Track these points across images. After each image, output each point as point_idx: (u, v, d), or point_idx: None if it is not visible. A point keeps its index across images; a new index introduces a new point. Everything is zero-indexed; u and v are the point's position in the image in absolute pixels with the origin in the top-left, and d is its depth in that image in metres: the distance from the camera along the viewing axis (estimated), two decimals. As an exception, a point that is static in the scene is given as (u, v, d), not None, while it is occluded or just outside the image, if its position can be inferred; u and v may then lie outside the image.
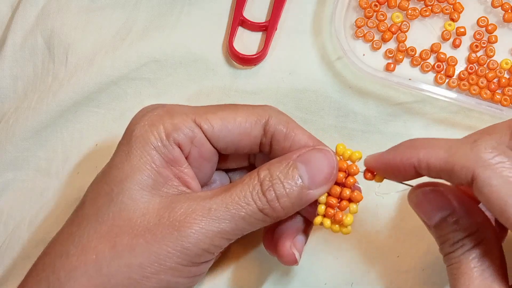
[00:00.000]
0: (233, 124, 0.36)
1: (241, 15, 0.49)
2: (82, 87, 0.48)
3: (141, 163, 0.34)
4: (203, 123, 0.35)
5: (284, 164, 0.35)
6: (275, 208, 0.34)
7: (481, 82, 0.48)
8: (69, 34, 0.49)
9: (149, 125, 0.35)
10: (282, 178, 0.34)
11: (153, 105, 0.37)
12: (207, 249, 0.33)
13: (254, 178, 0.34)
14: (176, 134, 0.35)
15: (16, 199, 0.47)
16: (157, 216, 0.33)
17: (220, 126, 0.36)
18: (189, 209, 0.33)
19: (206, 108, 0.37)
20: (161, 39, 0.49)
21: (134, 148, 0.34)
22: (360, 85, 0.48)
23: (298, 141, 0.37)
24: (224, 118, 0.36)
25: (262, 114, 0.36)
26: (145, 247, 0.32)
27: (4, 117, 0.49)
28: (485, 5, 0.50)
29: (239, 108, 0.37)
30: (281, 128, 0.36)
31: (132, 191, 0.33)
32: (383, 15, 0.49)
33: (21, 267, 0.46)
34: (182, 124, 0.35)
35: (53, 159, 0.48)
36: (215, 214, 0.33)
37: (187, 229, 0.32)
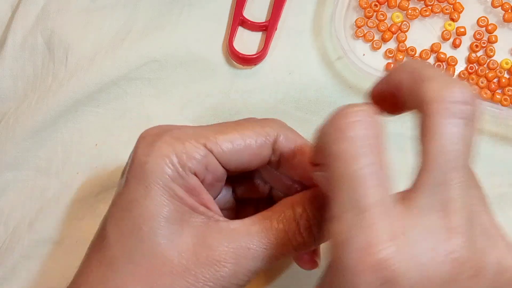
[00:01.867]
0: (243, 146, 0.35)
1: (241, 15, 0.49)
2: (82, 87, 0.48)
3: (164, 198, 0.32)
4: (214, 148, 0.34)
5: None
6: (310, 246, 0.35)
7: (481, 82, 0.48)
8: (69, 34, 0.49)
9: (161, 157, 0.33)
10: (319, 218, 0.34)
11: (157, 128, 0.36)
12: (242, 284, 0.33)
13: (289, 217, 0.34)
14: (190, 164, 0.33)
15: (16, 199, 0.47)
16: (193, 254, 0.32)
17: (230, 150, 0.35)
18: (227, 248, 0.32)
19: (214, 130, 0.35)
20: (161, 39, 0.49)
21: (152, 182, 0.33)
22: (360, 85, 0.48)
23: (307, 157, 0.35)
24: (234, 141, 0.35)
25: (271, 133, 0.35)
26: (185, 287, 0.32)
27: (4, 117, 0.49)
28: (485, 5, 0.50)
29: (246, 127, 0.35)
30: (289, 146, 0.36)
31: (162, 228, 0.32)
32: (383, 15, 0.49)
33: (21, 267, 0.46)
34: (194, 151, 0.34)
35: (53, 159, 0.48)
36: (255, 254, 0.33)
37: (228, 269, 0.32)
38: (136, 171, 0.33)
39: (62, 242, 0.46)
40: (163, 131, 0.35)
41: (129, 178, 0.34)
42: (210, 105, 0.48)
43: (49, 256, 0.46)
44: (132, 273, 0.32)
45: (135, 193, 0.33)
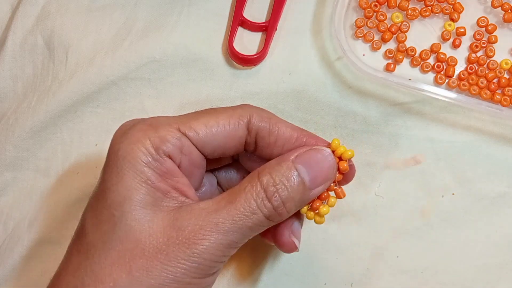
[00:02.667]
0: (216, 128, 0.36)
1: (241, 15, 0.49)
2: (82, 87, 0.48)
3: (136, 183, 0.33)
4: (188, 131, 0.35)
5: (284, 167, 0.35)
6: (281, 213, 0.35)
7: (481, 82, 0.48)
8: (69, 34, 0.49)
9: (134, 142, 0.34)
10: (285, 182, 0.34)
11: (132, 121, 0.36)
12: (219, 260, 0.34)
13: (256, 185, 0.34)
14: (164, 146, 0.34)
15: (16, 199, 0.47)
16: (164, 235, 0.33)
17: (204, 132, 0.35)
18: (196, 225, 0.33)
19: (187, 116, 0.36)
20: (161, 39, 0.49)
21: (125, 168, 0.34)
22: (360, 85, 0.48)
23: (282, 134, 0.37)
24: (207, 124, 0.36)
25: (243, 114, 0.36)
26: (161, 268, 0.32)
27: (4, 117, 0.49)
28: (485, 5, 0.50)
29: (219, 112, 0.36)
30: (264, 124, 0.37)
31: (134, 212, 0.33)
32: (383, 15, 0.49)
33: (21, 267, 0.46)
34: (168, 135, 0.34)
35: (53, 159, 0.48)
36: (223, 228, 0.33)
37: (198, 246, 0.33)
38: (109, 159, 0.35)
39: (62, 242, 0.46)
40: (139, 120, 0.36)
41: (104, 168, 0.35)
42: (210, 105, 0.48)
43: (49, 256, 0.46)
44: (107, 258, 0.32)
45: (109, 181, 0.34)
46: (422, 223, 0.46)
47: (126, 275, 0.32)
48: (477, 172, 0.47)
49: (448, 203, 0.47)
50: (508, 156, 0.47)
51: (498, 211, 0.46)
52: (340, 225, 0.46)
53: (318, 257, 0.45)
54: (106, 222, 0.33)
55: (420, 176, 0.47)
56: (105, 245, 0.33)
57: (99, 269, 0.32)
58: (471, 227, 0.46)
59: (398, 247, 0.46)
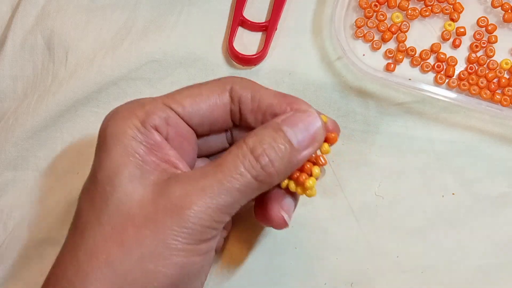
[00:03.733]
0: (200, 98, 0.36)
1: (241, 15, 0.49)
2: (82, 87, 0.48)
3: (124, 157, 0.34)
4: (172, 104, 0.36)
5: (270, 129, 0.34)
6: (270, 173, 0.34)
7: (481, 82, 0.48)
8: (69, 34, 0.49)
9: (121, 119, 0.35)
10: (272, 143, 0.34)
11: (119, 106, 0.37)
12: (210, 225, 0.33)
13: (242, 147, 0.34)
14: (150, 119, 0.35)
15: (16, 199, 0.47)
16: (153, 204, 0.33)
17: (189, 103, 0.36)
18: (183, 191, 0.33)
19: (172, 92, 0.37)
20: (161, 39, 0.49)
21: (113, 144, 0.34)
22: (360, 85, 0.48)
23: (265, 99, 0.37)
24: (191, 95, 0.36)
25: (225, 82, 0.37)
26: (151, 237, 0.32)
27: (4, 117, 0.49)
28: (485, 5, 0.50)
29: (202, 84, 0.37)
30: (246, 91, 0.37)
31: (124, 186, 0.33)
32: (383, 15, 0.49)
33: (21, 267, 0.46)
34: (153, 109, 0.35)
35: (53, 159, 0.48)
36: (210, 191, 0.33)
37: (186, 210, 0.32)
38: (99, 139, 0.35)
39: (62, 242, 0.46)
40: (126, 102, 0.37)
41: (96, 149, 0.35)
42: None
43: (49, 256, 0.46)
44: (101, 233, 0.33)
45: (98, 158, 0.35)
46: (422, 223, 0.46)
47: (118, 247, 0.32)
48: (477, 172, 0.47)
49: (448, 203, 0.47)
50: (508, 156, 0.47)
51: (498, 211, 0.46)
52: (340, 225, 0.46)
53: (318, 257, 0.45)
54: (99, 199, 0.34)
55: (420, 176, 0.47)
56: (99, 221, 0.33)
57: (93, 245, 0.33)
58: (471, 227, 0.46)
59: (398, 247, 0.46)
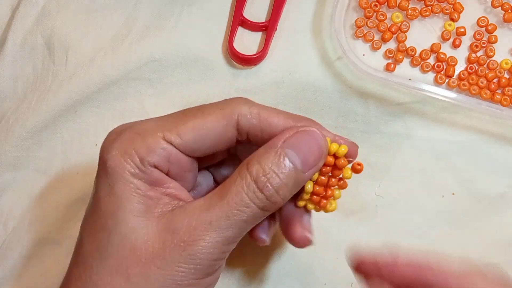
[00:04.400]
0: (204, 133, 0.34)
1: (241, 15, 0.49)
2: (82, 87, 0.48)
3: (126, 192, 0.33)
4: (173, 139, 0.34)
5: (273, 154, 0.34)
6: (276, 201, 0.34)
7: (481, 82, 0.48)
8: (69, 34, 0.49)
9: (121, 154, 0.34)
10: (276, 170, 0.33)
11: (121, 127, 0.36)
12: (217, 258, 0.33)
13: (245, 177, 0.33)
14: (150, 158, 0.33)
15: (16, 199, 0.47)
16: (160, 239, 0.32)
17: (192, 138, 0.34)
18: (190, 226, 0.32)
19: (174, 119, 0.35)
20: (161, 39, 0.49)
21: (115, 179, 0.33)
22: (360, 85, 0.48)
23: (275, 128, 0.35)
24: (195, 128, 0.34)
25: (231, 114, 0.35)
26: (158, 273, 0.32)
27: (4, 117, 0.49)
28: (485, 5, 0.50)
29: (207, 112, 0.35)
30: (253, 123, 0.35)
31: (127, 220, 0.33)
32: (383, 15, 0.49)
33: (21, 267, 0.46)
34: (154, 145, 0.34)
35: (53, 159, 0.48)
36: (217, 226, 0.32)
37: (194, 247, 0.32)
38: (100, 170, 0.34)
39: (62, 242, 0.46)
40: (126, 127, 0.35)
41: (96, 178, 0.35)
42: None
43: (49, 256, 0.46)
44: (105, 267, 0.32)
45: (101, 191, 0.34)
46: (422, 223, 0.46)
47: (125, 282, 0.32)
48: (477, 172, 0.47)
49: (448, 203, 0.47)
50: (508, 156, 0.47)
51: (498, 211, 0.46)
52: (340, 225, 0.46)
53: (318, 257, 0.45)
54: (101, 231, 0.33)
55: (420, 176, 0.47)
56: (101, 254, 0.33)
57: (98, 279, 0.32)
58: (471, 227, 0.46)
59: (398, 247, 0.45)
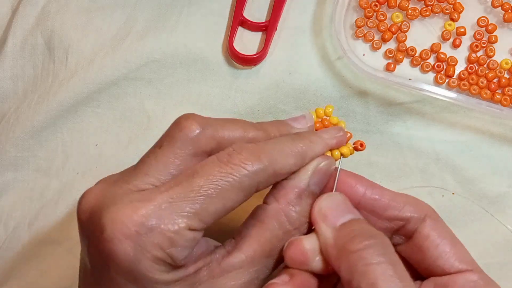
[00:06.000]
0: (225, 210, 0.33)
1: (241, 15, 0.49)
2: (82, 87, 0.48)
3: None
4: (197, 226, 0.31)
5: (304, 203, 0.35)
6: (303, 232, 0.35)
7: (481, 82, 0.48)
8: (69, 34, 0.49)
9: (152, 259, 0.31)
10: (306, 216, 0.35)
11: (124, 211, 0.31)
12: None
13: (284, 225, 0.34)
14: (181, 255, 0.31)
15: (16, 199, 0.47)
16: None
17: (214, 218, 0.32)
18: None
19: (189, 197, 0.31)
20: (161, 39, 0.49)
21: (149, 285, 0.31)
22: (360, 85, 0.48)
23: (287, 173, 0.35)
24: (216, 213, 0.32)
25: (250, 185, 0.33)
26: None
27: (4, 117, 0.49)
28: (485, 5, 0.50)
29: (220, 182, 0.32)
30: (270, 180, 0.34)
31: None
32: (383, 15, 0.49)
33: (21, 267, 0.46)
34: (181, 240, 0.31)
35: (53, 159, 0.48)
36: (262, 279, 0.34)
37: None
38: (128, 277, 0.31)
39: (62, 242, 0.46)
40: (138, 224, 0.30)
41: (121, 282, 0.31)
42: (210, 105, 0.48)
43: (49, 256, 0.46)
44: None
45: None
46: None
47: None
48: (477, 172, 0.47)
49: (448, 203, 0.46)
50: (508, 156, 0.47)
51: (498, 211, 0.46)
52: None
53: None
54: None
55: (420, 176, 0.47)
56: None
57: None
58: (471, 227, 0.46)
59: None
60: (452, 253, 0.34)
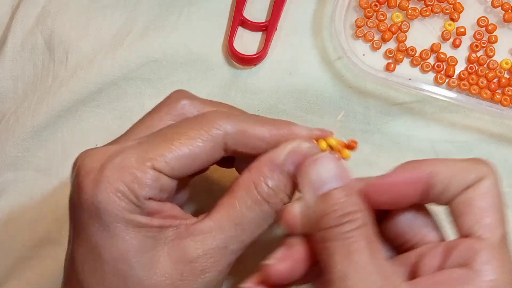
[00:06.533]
0: (192, 159, 0.34)
1: (241, 15, 0.49)
2: (82, 87, 0.48)
3: (129, 232, 0.32)
4: (163, 168, 0.33)
5: (282, 176, 0.34)
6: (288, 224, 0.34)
7: (481, 82, 0.48)
8: (69, 34, 0.49)
9: (113, 193, 0.32)
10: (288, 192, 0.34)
11: (94, 159, 0.33)
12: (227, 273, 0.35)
13: (260, 203, 0.33)
14: (144, 192, 0.32)
15: (16, 199, 0.47)
16: (176, 272, 0.32)
17: (180, 165, 0.33)
18: (206, 255, 0.33)
19: (157, 146, 0.33)
20: (161, 39, 0.49)
21: (112, 222, 0.32)
22: (360, 85, 0.48)
23: (260, 141, 0.35)
24: (182, 156, 0.33)
25: (218, 136, 0.34)
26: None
27: (4, 117, 0.49)
28: (485, 5, 0.50)
29: (191, 136, 0.34)
30: (240, 141, 0.34)
31: (139, 261, 0.32)
32: (383, 15, 0.49)
33: (21, 267, 0.46)
34: (144, 177, 0.32)
35: (53, 159, 0.48)
36: (232, 250, 0.34)
37: (212, 273, 0.33)
38: (90, 212, 0.32)
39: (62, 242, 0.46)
40: (103, 161, 0.33)
41: (86, 220, 0.32)
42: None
43: (49, 256, 0.46)
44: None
45: (98, 236, 0.32)
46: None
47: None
48: (477, 172, 0.47)
49: (448, 203, 0.46)
50: (508, 156, 0.47)
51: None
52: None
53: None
54: (115, 279, 0.32)
55: (420, 176, 0.47)
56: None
57: None
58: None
59: None
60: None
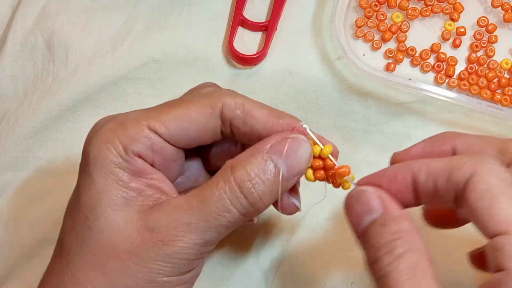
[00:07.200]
0: (188, 121, 0.34)
1: (241, 15, 0.49)
2: (82, 87, 0.48)
3: (107, 184, 0.33)
4: (158, 128, 0.34)
5: (259, 158, 0.33)
6: (259, 208, 0.33)
7: (481, 82, 0.48)
8: (69, 34, 0.49)
9: (103, 143, 0.33)
10: (261, 176, 0.33)
11: (105, 118, 0.35)
12: (195, 258, 0.33)
13: (229, 181, 0.33)
14: (133, 146, 0.33)
15: (16, 199, 0.47)
16: (138, 236, 0.33)
17: (176, 127, 0.34)
18: (168, 227, 0.32)
19: (158, 109, 0.35)
20: (161, 39, 0.49)
21: (96, 170, 0.33)
22: (360, 85, 0.48)
23: (257, 122, 0.35)
24: (178, 117, 0.34)
25: (216, 103, 0.35)
26: (136, 269, 0.32)
27: (4, 117, 0.49)
28: (485, 5, 0.50)
29: (192, 102, 0.35)
30: (237, 113, 0.35)
31: (106, 215, 0.33)
32: (383, 15, 0.49)
33: (21, 267, 0.46)
34: (137, 134, 0.33)
35: (53, 159, 0.48)
36: (196, 228, 0.32)
37: (172, 247, 0.32)
38: (82, 161, 0.34)
39: (62, 242, 0.46)
40: (110, 118, 0.35)
41: (80, 169, 0.35)
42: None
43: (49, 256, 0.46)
44: (84, 261, 0.33)
45: (82, 183, 0.34)
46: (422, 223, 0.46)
47: (102, 277, 0.32)
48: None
49: (448, 203, 0.46)
50: (508, 156, 0.47)
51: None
52: (340, 225, 0.46)
53: (318, 257, 0.45)
54: (81, 225, 0.33)
55: (420, 176, 0.47)
56: (81, 248, 0.33)
57: (77, 272, 0.33)
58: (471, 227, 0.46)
59: None
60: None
